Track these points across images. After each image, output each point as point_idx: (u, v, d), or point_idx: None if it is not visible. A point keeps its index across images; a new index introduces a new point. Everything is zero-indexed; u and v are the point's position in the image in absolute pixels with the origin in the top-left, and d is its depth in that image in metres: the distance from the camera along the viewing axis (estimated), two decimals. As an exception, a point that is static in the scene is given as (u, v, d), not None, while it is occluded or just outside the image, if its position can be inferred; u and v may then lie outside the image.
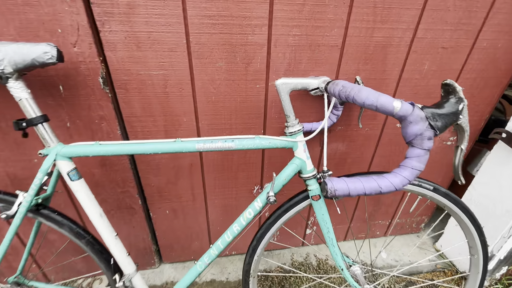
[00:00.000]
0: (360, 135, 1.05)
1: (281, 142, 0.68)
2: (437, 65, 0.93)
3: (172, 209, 1.10)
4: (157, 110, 0.86)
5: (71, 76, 0.75)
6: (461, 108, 0.44)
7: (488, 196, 1.15)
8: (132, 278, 0.79)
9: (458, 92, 0.45)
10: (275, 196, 0.70)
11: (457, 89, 0.45)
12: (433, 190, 0.74)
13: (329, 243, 0.76)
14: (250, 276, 0.85)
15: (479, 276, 0.85)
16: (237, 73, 0.83)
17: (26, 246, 0.81)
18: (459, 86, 0.45)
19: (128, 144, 0.65)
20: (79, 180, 0.68)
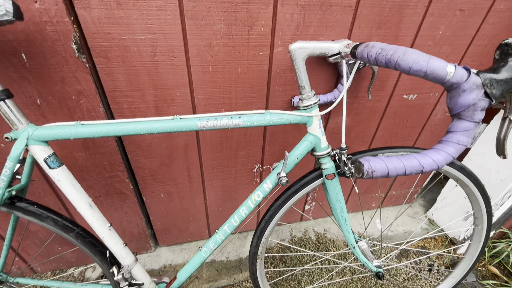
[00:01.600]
0: (366, 108, 0.99)
1: (294, 117, 0.61)
2: (451, 30, 0.86)
3: (167, 192, 1.03)
4: (145, 83, 0.74)
5: (35, 41, 0.61)
6: (522, 73, 0.38)
7: (484, 167, 1.17)
8: (131, 269, 0.72)
9: None
10: (286, 176, 0.64)
11: None
12: (449, 164, 0.71)
13: (342, 222, 0.73)
14: (257, 258, 0.81)
15: (481, 245, 0.87)
16: (238, 38, 0.72)
17: (5, 242, 0.71)
18: None
19: (117, 124, 0.55)
20: (60, 168, 0.58)
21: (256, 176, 1.09)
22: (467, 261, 0.92)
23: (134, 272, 0.73)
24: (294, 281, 1.14)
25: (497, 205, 1.16)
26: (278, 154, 1.03)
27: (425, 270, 1.24)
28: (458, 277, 0.95)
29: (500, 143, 0.45)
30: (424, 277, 1.20)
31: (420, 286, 1.17)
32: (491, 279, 1.25)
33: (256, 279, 0.85)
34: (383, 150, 0.68)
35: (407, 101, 1.02)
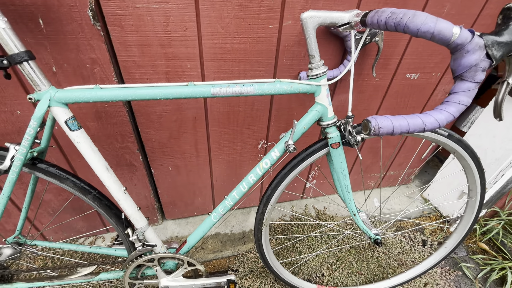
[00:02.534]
0: (369, 86, 1.02)
1: (303, 86, 0.64)
2: (456, 8, 0.88)
3: (174, 166, 1.06)
4: (157, 53, 0.76)
5: (52, 6, 0.62)
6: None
7: (480, 147, 1.21)
8: (145, 232, 0.76)
9: None
10: (294, 144, 0.68)
11: None
12: (448, 136, 0.75)
13: (344, 190, 0.77)
14: (263, 224, 0.86)
15: (473, 216, 0.92)
16: (249, 10, 0.74)
17: (24, 204, 0.75)
18: None
19: (134, 88, 0.57)
20: (79, 130, 0.61)
21: (261, 152, 1.12)
22: (459, 232, 0.98)
23: (147, 234, 0.77)
24: (295, 252, 1.20)
25: (490, 183, 1.21)
26: (282, 130, 1.06)
27: (419, 244, 1.31)
28: (450, 247, 1.01)
29: (498, 106, 0.49)
30: (418, 251, 1.27)
31: (413, 258, 1.23)
32: (481, 254, 1.32)
33: (261, 245, 0.90)
34: (386, 121, 0.72)
35: (410, 80, 1.05)
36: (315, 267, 1.17)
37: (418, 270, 1.08)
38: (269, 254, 0.93)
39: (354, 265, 1.19)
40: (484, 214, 1.40)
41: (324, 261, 1.19)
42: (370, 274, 1.17)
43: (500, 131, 1.12)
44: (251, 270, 1.14)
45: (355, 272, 1.17)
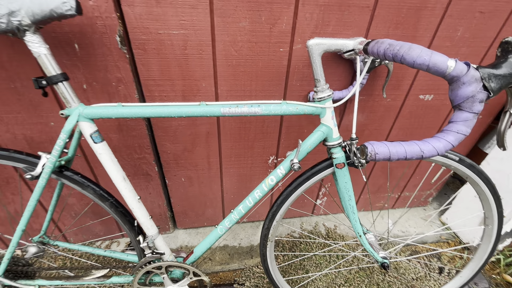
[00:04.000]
0: (381, 106, 1.02)
1: (308, 108, 0.66)
2: (471, 32, 0.88)
3: (187, 177, 1.11)
4: (175, 73, 0.82)
5: (86, 33, 0.71)
6: (520, 69, 0.42)
7: (502, 171, 1.15)
8: (154, 239, 0.81)
9: None
10: (299, 163, 0.70)
11: None
12: (459, 161, 0.74)
13: (349, 211, 0.77)
14: (268, 240, 0.87)
15: (491, 245, 0.87)
16: (261, 35, 0.79)
17: (49, 207, 0.82)
18: None
19: (152, 107, 0.63)
20: (102, 143, 0.67)
21: (271, 167, 1.14)
22: (476, 262, 0.93)
23: (156, 242, 0.81)
24: (302, 270, 1.19)
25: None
26: (293, 147, 1.08)
27: (435, 271, 1.24)
28: (467, 277, 0.95)
29: (501, 136, 0.48)
30: (433, 279, 1.21)
31: (428, 286, 1.17)
32: (506, 287, 1.22)
33: (266, 261, 0.91)
34: (393, 143, 0.72)
35: (423, 101, 1.04)
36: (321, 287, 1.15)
37: (432, 299, 1.03)
38: (273, 270, 0.94)
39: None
40: (509, 244, 1.30)
41: (332, 281, 1.17)
42: (380, 299, 1.13)
43: (523, 156, 1.07)
44: (256, 285, 1.14)
45: (364, 296, 1.14)
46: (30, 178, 0.68)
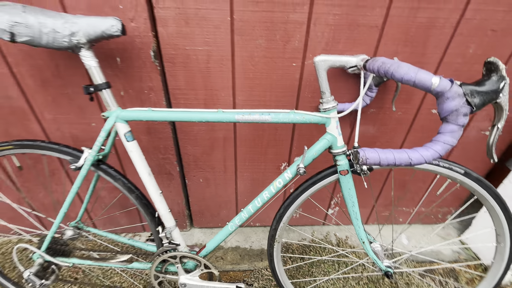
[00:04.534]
0: (392, 119, 1.05)
1: (314, 117, 0.72)
2: (483, 49, 0.89)
3: (205, 178, 1.20)
4: (199, 84, 0.93)
5: (127, 49, 0.84)
6: (502, 86, 0.45)
7: (525, 191, 1.11)
8: (172, 231, 0.90)
9: (501, 70, 0.45)
10: (305, 168, 0.75)
11: (500, 67, 0.45)
12: (464, 174, 0.75)
13: (353, 217, 0.81)
14: (275, 241, 0.92)
15: (504, 265, 0.85)
16: (275, 51, 0.87)
17: (85, 197, 0.94)
18: (502, 63, 0.46)
19: (177, 112, 0.73)
20: (133, 141, 0.78)
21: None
22: (489, 281, 0.90)
23: (173, 234, 0.90)
24: (309, 276, 1.21)
25: (538, 233, 1.08)
26: (304, 155, 1.14)
27: (450, 292, 1.20)
28: (479, 297, 0.92)
29: (489, 147, 0.51)
30: (447, 298, 1.17)
31: (441, 305, 1.13)
32: (529, 315, 1.15)
33: (272, 261, 0.96)
34: (396, 154, 0.75)
35: (436, 116, 1.05)
36: (329, 296, 1.16)
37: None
38: (280, 271, 0.98)
39: (371, 301, 1.15)
40: (535, 270, 1.22)
41: (339, 291, 1.18)
42: (388, 314, 1.11)
43: (547, 175, 1.03)
44: (264, 287, 1.18)
45: (371, 309, 1.13)
46: (74, 168, 0.81)
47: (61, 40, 0.65)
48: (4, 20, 0.59)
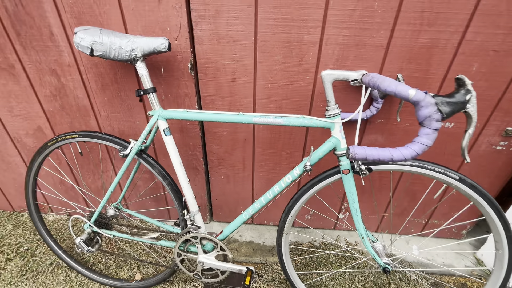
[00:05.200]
0: (399, 130, 1.13)
1: (321, 122, 0.85)
2: (487, 67, 0.96)
3: (226, 175, 1.36)
4: (225, 92, 1.10)
5: (170, 62, 1.04)
6: (468, 98, 0.54)
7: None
8: (195, 215, 1.05)
9: (467, 85, 0.55)
10: (312, 167, 0.87)
11: (467, 82, 0.55)
12: (459, 180, 0.82)
13: (353, 213, 0.90)
14: (283, 232, 1.04)
15: (503, 272, 0.88)
16: (291, 66, 1.02)
17: (126, 182, 1.13)
18: (468, 80, 0.55)
19: (206, 113, 0.89)
20: (170, 136, 0.96)
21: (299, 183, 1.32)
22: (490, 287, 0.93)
23: (196, 218, 1.05)
24: (317, 275, 1.29)
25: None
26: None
27: (459, 305, 1.21)
28: (481, 304, 0.95)
29: (462, 150, 0.60)
30: (454, 310, 1.17)
31: (447, 315, 1.15)
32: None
33: (281, 251, 1.07)
34: (394, 158, 0.84)
35: (444, 128, 1.11)
36: (334, 294, 1.22)
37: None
38: (287, 261, 1.09)
39: (375, 304, 1.19)
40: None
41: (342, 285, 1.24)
42: (391, 317, 1.15)
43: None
44: (273, 279, 1.28)
45: (375, 310, 1.17)
46: (122, 156, 1.00)
47: (124, 54, 0.85)
48: (88, 40, 0.81)
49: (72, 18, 0.98)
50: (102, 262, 1.36)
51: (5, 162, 1.40)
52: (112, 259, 1.37)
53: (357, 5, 0.89)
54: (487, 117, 1.07)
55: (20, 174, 1.44)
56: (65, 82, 1.13)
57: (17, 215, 1.58)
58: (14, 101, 1.19)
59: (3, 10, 0.98)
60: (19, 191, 1.51)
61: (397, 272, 1.33)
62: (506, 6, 0.85)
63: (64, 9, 0.96)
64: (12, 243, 1.42)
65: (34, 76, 1.12)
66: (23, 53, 1.06)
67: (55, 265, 1.35)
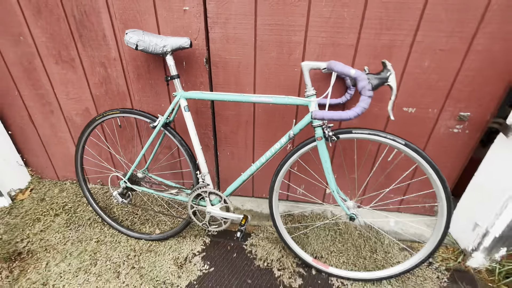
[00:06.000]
0: (371, 114, 1.39)
1: (300, 100, 1.13)
2: (436, 63, 1.22)
3: (231, 152, 1.65)
4: (232, 81, 1.40)
5: (190, 57, 1.36)
6: (388, 75, 0.82)
7: (489, 180, 1.33)
8: (205, 175, 1.34)
9: (388, 66, 0.82)
10: (294, 135, 1.15)
11: (388, 65, 0.82)
12: (405, 144, 1.07)
13: (326, 171, 1.17)
14: (273, 190, 1.31)
15: (444, 219, 1.11)
16: (283, 60, 1.31)
17: (154, 149, 1.45)
18: (389, 63, 0.82)
19: (216, 94, 1.20)
20: (188, 112, 1.27)
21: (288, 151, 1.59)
22: (436, 234, 1.16)
23: (206, 177, 1.35)
24: (303, 233, 1.55)
25: (497, 214, 1.29)
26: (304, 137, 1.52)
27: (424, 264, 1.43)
28: (426, 252, 1.18)
29: (389, 111, 0.86)
30: (418, 266, 1.40)
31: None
32: (494, 291, 1.32)
33: (271, 206, 1.34)
34: (356, 129, 1.11)
35: (408, 113, 1.37)
36: (317, 250, 1.48)
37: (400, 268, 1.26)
38: (277, 216, 1.36)
39: (351, 258, 1.44)
40: (506, 255, 1.39)
41: (327, 248, 1.48)
42: (363, 269, 1.39)
43: (503, 163, 1.25)
44: (267, 237, 1.55)
45: (350, 263, 1.42)
46: (152, 126, 1.32)
47: (158, 49, 1.18)
48: (135, 38, 1.14)
49: (120, 23, 1.33)
50: (129, 219, 1.68)
51: (57, 137, 1.76)
52: (137, 217, 1.68)
53: (331, 14, 1.18)
54: (442, 104, 1.32)
55: (67, 148, 1.80)
56: (110, 72, 1.47)
57: (61, 183, 1.94)
58: (71, 87, 1.55)
59: (72, 19, 1.34)
60: (65, 162, 1.86)
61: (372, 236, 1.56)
62: (445, 15, 1.12)
63: (115, 17, 1.31)
64: (59, 202, 1.76)
65: (88, 67, 1.47)
66: (82, 49, 1.42)
67: (92, 220, 1.68)
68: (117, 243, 1.56)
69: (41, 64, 1.50)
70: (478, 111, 1.32)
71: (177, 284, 1.34)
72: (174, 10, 1.26)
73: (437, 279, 1.36)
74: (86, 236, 1.59)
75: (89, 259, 1.46)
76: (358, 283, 1.34)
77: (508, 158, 1.23)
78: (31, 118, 1.70)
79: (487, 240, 1.36)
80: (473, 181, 1.44)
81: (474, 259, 1.43)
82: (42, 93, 1.60)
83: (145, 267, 1.42)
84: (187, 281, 1.35)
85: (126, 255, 1.48)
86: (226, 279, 1.36)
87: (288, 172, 1.68)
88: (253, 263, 1.44)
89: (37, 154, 1.86)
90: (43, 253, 1.49)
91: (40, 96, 1.61)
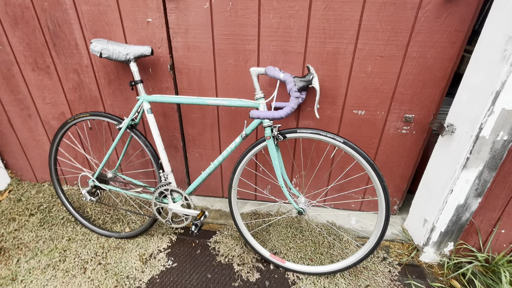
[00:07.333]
0: (325, 116, 1.49)
1: (251, 103, 1.23)
2: (378, 68, 1.33)
3: (199, 154, 1.74)
4: (195, 86, 1.51)
5: (155, 64, 1.47)
6: (311, 78, 0.92)
7: (433, 177, 1.42)
8: (168, 174, 1.43)
9: (311, 70, 0.92)
10: (247, 135, 1.25)
11: (311, 69, 0.92)
12: (343, 142, 1.16)
13: (275, 168, 1.26)
14: (232, 188, 1.39)
15: (384, 213, 1.19)
16: (240, 67, 1.42)
17: (123, 150, 1.54)
18: (312, 67, 0.92)
19: (176, 97, 1.30)
20: (151, 114, 1.37)
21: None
22: (378, 228, 1.24)
23: (169, 176, 1.43)
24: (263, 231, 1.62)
25: (440, 210, 1.37)
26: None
27: (379, 259, 1.49)
28: (370, 245, 1.25)
29: (315, 111, 0.96)
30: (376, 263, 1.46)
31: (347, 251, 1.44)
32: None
33: (231, 203, 1.42)
34: (301, 129, 1.21)
35: (358, 115, 1.47)
36: (277, 246, 1.54)
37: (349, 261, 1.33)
38: (236, 212, 1.43)
39: (308, 254, 1.50)
40: (454, 249, 1.46)
41: (287, 244, 1.55)
42: (319, 264, 1.46)
43: (442, 161, 1.34)
44: (231, 235, 1.62)
45: (307, 258, 1.48)
46: (118, 128, 1.41)
47: (121, 57, 1.28)
48: (99, 47, 1.25)
49: (91, 34, 1.44)
50: (101, 218, 1.75)
51: (35, 140, 1.85)
52: (109, 216, 1.76)
53: (279, 24, 1.29)
54: (388, 106, 1.42)
55: (45, 151, 1.88)
56: (83, 78, 1.58)
57: (40, 185, 2.01)
58: (47, 93, 1.65)
59: (46, 29, 1.45)
60: (43, 164, 1.94)
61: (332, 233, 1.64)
62: (380, 25, 1.24)
63: (86, 28, 1.43)
64: (35, 203, 1.83)
65: (62, 74, 1.58)
66: (56, 57, 1.53)
67: (66, 219, 1.74)
68: (87, 241, 1.62)
69: (19, 71, 1.61)
70: (421, 113, 1.42)
71: (139, 278, 1.40)
72: (138, 21, 1.38)
73: (388, 272, 1.43)
74: (58, 235, 1.65)
75: (58, 256, 1.52)
76: (312, 277, 1.40)
77: (444, 156, 1.32)
78: (10, 122, 1.80)
79: (434, 235, 1.43)
80: (422, 179, 1.53)
81: (426, 254, 1.50)
82: (21, 98, 1.70)
83: (111, 263, 1.48)
84: (149, 275, 1.41)
85: (95, 252, 1.54)
86: (187, 274, 1.43)
87: (254, 174, 1.76)
88: (215, 259, 1.50)
89: (17, 157, 1.95)
90: (15, 251, 1.55)
91: (19, 101, 1.71)
